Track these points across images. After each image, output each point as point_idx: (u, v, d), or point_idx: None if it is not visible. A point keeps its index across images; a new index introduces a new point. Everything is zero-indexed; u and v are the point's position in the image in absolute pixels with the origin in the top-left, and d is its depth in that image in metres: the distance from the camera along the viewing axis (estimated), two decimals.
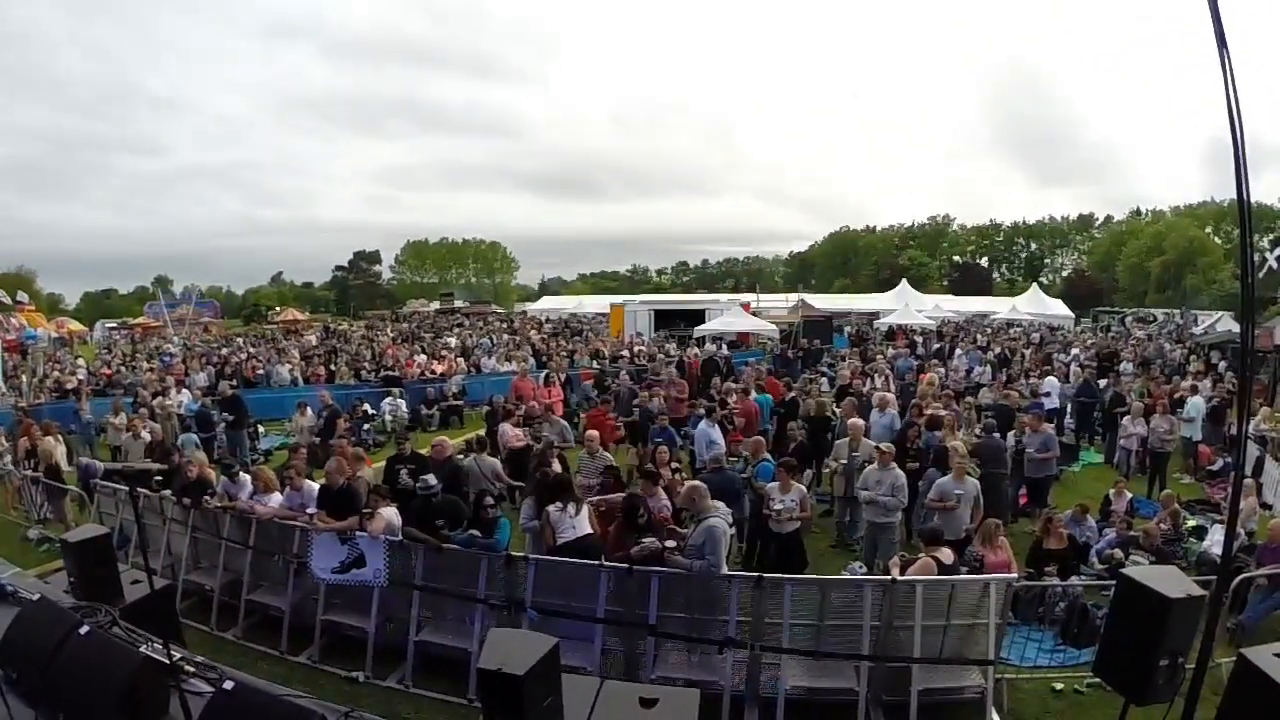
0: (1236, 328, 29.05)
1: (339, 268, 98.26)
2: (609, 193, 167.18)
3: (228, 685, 4.08)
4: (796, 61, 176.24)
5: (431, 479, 9.22)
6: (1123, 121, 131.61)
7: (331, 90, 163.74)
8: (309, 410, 17.63)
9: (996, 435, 12.60)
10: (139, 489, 10.03)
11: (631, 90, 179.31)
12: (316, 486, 9.44)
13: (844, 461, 11.83)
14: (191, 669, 4.55)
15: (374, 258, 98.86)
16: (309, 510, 9.16)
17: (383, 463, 12.87)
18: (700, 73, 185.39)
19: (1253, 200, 4.21)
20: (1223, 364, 26.53)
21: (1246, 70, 3.78)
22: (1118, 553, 10.26)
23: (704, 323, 38.55)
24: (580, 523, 8.55)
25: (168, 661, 4.34)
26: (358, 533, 8.51)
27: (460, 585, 8.36)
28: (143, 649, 4.52)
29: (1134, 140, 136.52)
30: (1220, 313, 38.02)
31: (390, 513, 8.71)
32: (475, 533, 8.34)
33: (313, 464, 12.49)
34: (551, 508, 8.60)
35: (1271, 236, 56.87)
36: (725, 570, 7.74)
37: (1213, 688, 6.01)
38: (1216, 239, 71.77)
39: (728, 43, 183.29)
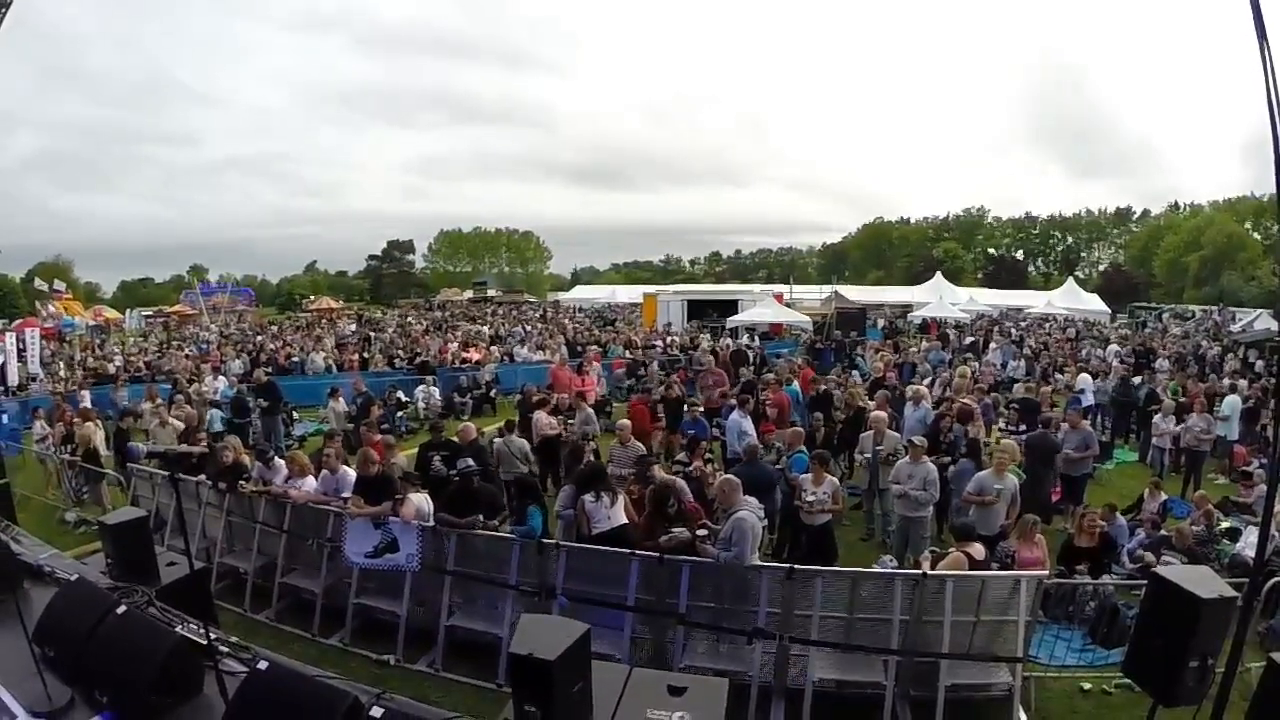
0: (1275, 325, 29.09)
1: (372, 257, 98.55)
2: (642, 183, 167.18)
3: (262, 665, 4.13)
4: (830, 52, 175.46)
5: (471, 461, 9.35)
6: (1161, 114, 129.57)
7: (364, 82, 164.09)
8: (342, 397, 17.79)
9: (1050, 432, 12.50)
10: (179, 474, 10.29)
11: (664, 81, 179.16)
12: (351, 472, 9.53)
13: (868, 455, 11.82)
14: (226, 649, 4.61)
15: (407, 247, 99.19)
16: (344, 495, 9.26)
17: (415, 450, 12.95)
18: (733, 64, 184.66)
19: None
20: (1260, 363, 26.25)
21: None
22: (1149, 555, 10.14)
23: (737, 313, 38.48)
24: (615, 513, 8.61)
25: (203, 641, 4.41)
26: (391, 518, 8.59)
27: (492, 571, 8.47)
28: (178, 629, 4.59)
29: (1172, 133, 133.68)
30: (1259, 310, 37.29)
31: (420, 499, 8.79)
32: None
33: (347, 450, 12.61)
34: (587, 497, 8.66)
35: None
36: (755, 561, 7.75)
37: (1241, 692, 5.94)
38: (1256, 234, 69.88)
39: (761, 34, 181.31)
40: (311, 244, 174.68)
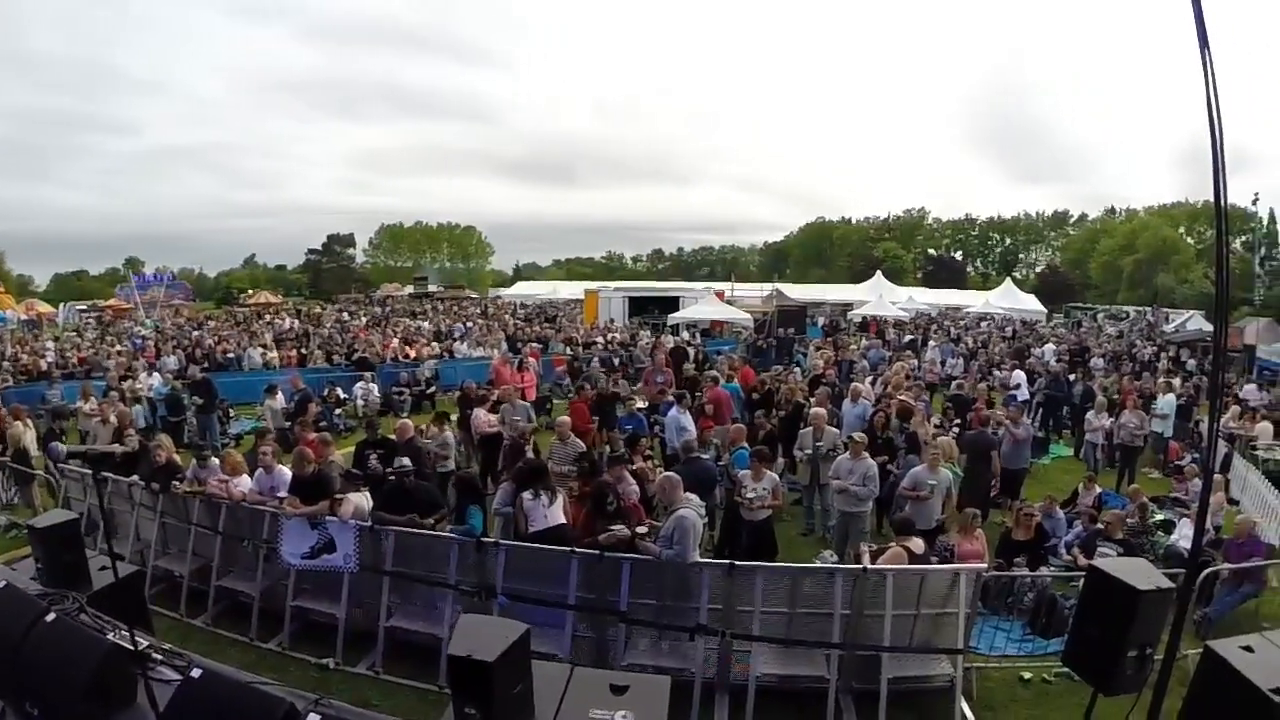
0: (1207, 326, 30.45)
1: (312, 251, 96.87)
2: (586, 179, 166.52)
3: (195, 673, 4.05)
4: (776, 53, 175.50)
5: (407, 461, 9.27)
6: (1099, 122, 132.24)
7: (308, 72, 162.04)
8: (280, 394, 17.51)
9: (987, 430, 12.74)
10: (104, 473, 10.05)
11: (611, 78, 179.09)
12: (287, 471, 9.39)
13: (808, 451, 11.91)
14: (159, 656, 4.51)
15: (348, 241, 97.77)
16: (280, 495, 9.10)
17: (353, 448, 12.80)
18: (681, 62, 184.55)
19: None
20: (1191, 361, 27.32)
21: (1220, 76, 3.81)
22: (1079, 556, 10.27)
23: (678, 310, 38.66)
24: (554, 512, 8.55)
25: (135, 649, 4.31)
26: (328, 518, 8.47)
27: (431, 571, 8.37)
28: (110, 636, 4.48)
29: (1110, 141, 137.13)
30: (1191, 311, 38.78)
31: (359, 498, 8.69)
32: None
33: (284, 448, 12.42)
34: (526, 495, 8.61)
35: (1244, 239, 57.92)
36: (696, 558, 7.76)
37: (1179, 679, 6.06)
38: (1189, 239, 73.20)
39: (710, 33, 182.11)
40: (251, 237, 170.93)
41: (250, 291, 69.88)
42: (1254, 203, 53.11)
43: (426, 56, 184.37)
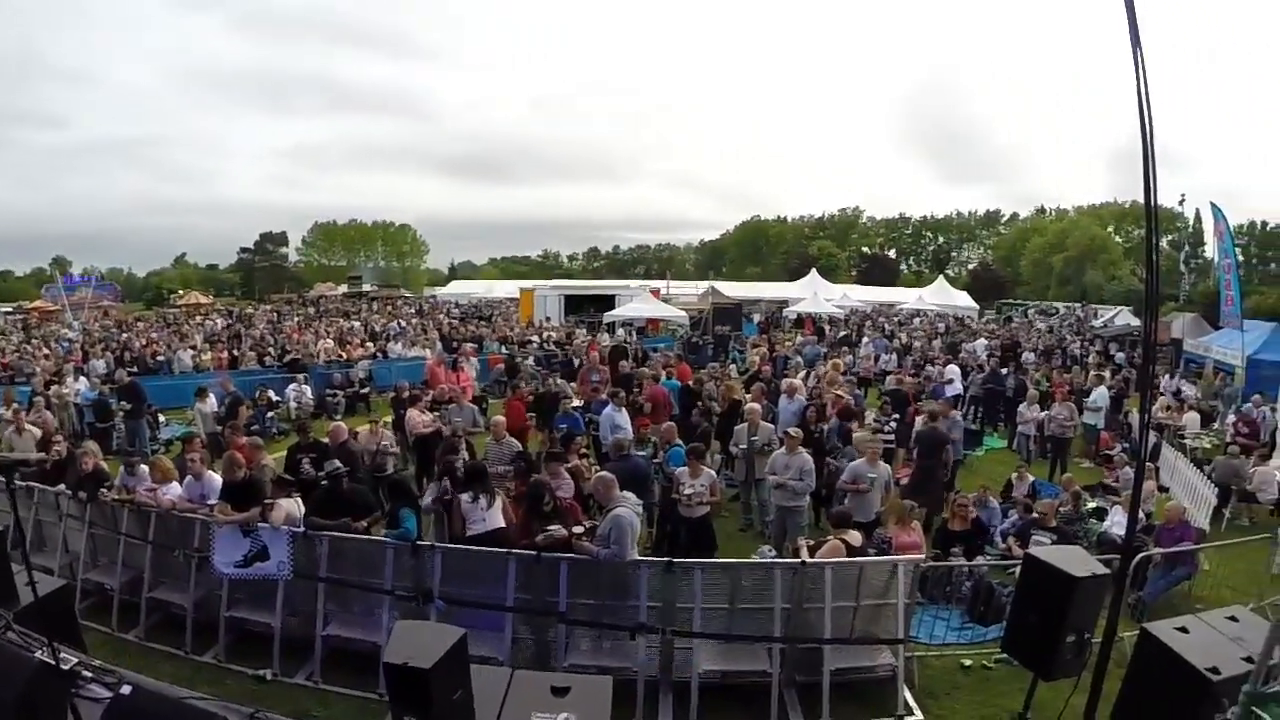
0: (1135, 321, 31.82)
1: (244, 249, 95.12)
2: (523, 177, 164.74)
3: (125, 690, 3.95)
4: (713, 52, 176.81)
5: (338, 463, 9.12)
6: (1031, 125, 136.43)
7: (240, 64, 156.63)
8: (211, 397, 17.14)
9: (937, 426, 12.78)
10: (30, 482, 9.75)
11: (548, 74, 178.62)
12: (217, 477, 9.19)
13: (743, 446, 11.98)
14: (89, 674, 4.38)
15: (280, 239, 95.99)
16: (210, 502, 8.87)
17: (285, 452, 12.57)
18: (618, 59, 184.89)
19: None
20: (1120, 355, 28.26)
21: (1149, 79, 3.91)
22: (1013, 545, 10.46)
23: (614, 308, 38.72)
24: (492, 515, 8.48)
25: (64, 667, 4.18)
26: (260, 525, 8.27)
27: (366, 576, 8.23)
28: (38, 654, 4.35)
29: (1041, 143, 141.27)
30: (1119, 307, 40.36)
31: (291, 503, 8.52)
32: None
33: (215, 454, 12.19)
34: (464, 497, 8.54)
35: (1170, 238, 59.86)
36: (634, 556, 7.77)
37: (1117, 661, 6.22)
38: (1117, 238, 76.51)
39: (647, 31, 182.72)
40: (181, 235, 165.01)
41: (181, 292, 68.49)
42: (1180, 203, 55.10)
43: (362, 49, 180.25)
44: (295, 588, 8.29)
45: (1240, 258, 31.38)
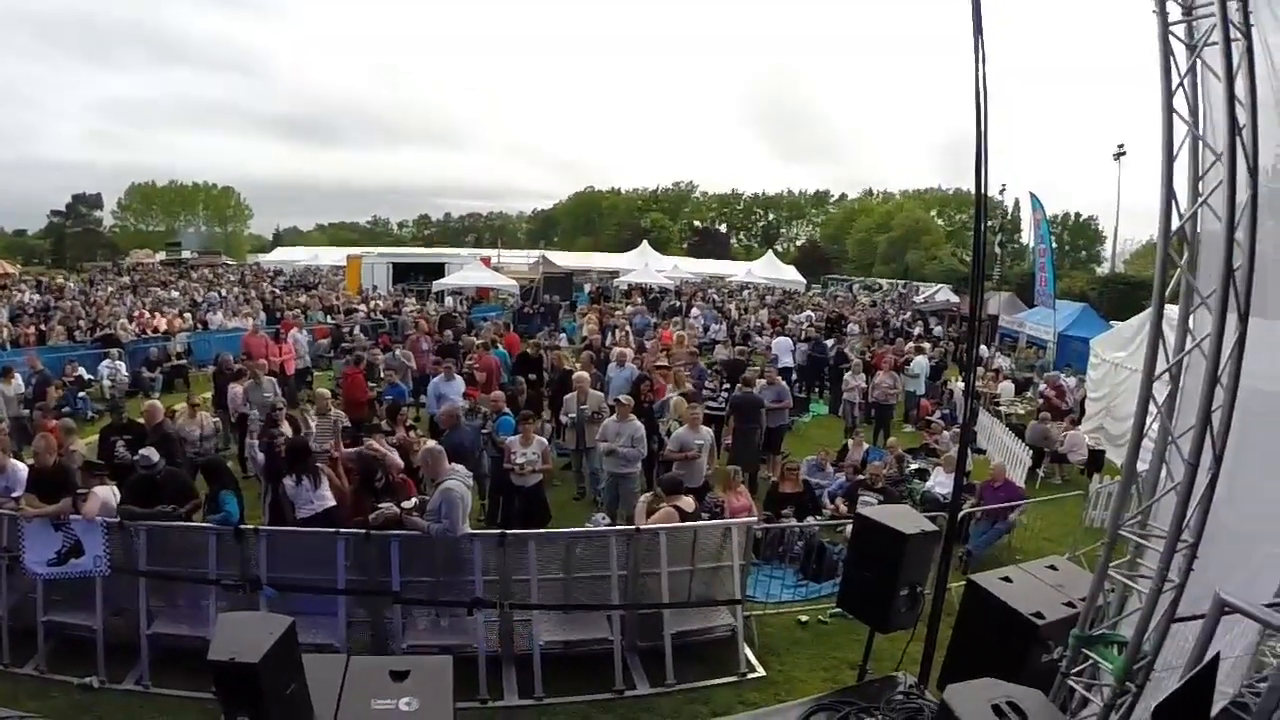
0: (954, 298, 34.90)
1: (55, 212, 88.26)
2: (353, 140, 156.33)
3: None
4: (551, 21, 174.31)
5: (153, 455, 8.49)
6: (865, 110, 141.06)
7: (53, 6, 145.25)
8: (16, 377, 16.02)
9: (751, 390, 13.13)
10: None
11: (384, 36, 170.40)
12: (22, 466, 8.52)
13: (573, 415, 12.06)
14: None
15: (95, 202, 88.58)
16: (15, 494, 8.18)
17: (96, 435, 11.80)
18: (453, 25, 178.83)
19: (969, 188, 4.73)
20: (939, 328, 31.12)
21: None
22: (841, 505, 10.94)
23: (443, 277, 38.25)
24: (321, 496, 8.25)
25: None
26: (72, 517, 7.67)
27: (190, 567, 7.74)
28: None
29: (873, 128, 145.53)
30: (939, 285, 43.67)
31: (106, 491, 7.91)
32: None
33: (22, 440, 11.44)
34: (287, 481, 8.27)
35: (991, 223, 63.38)
36: (467, 530, 7.70)
37: (948, 611, 6.59)
38: (939, 221, 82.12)
39: None
40: None
41: None
42: (1001, 192, 58.36)
43: None
44: (115, 584, 7.69)
45: (1054, 245, 34.12)
